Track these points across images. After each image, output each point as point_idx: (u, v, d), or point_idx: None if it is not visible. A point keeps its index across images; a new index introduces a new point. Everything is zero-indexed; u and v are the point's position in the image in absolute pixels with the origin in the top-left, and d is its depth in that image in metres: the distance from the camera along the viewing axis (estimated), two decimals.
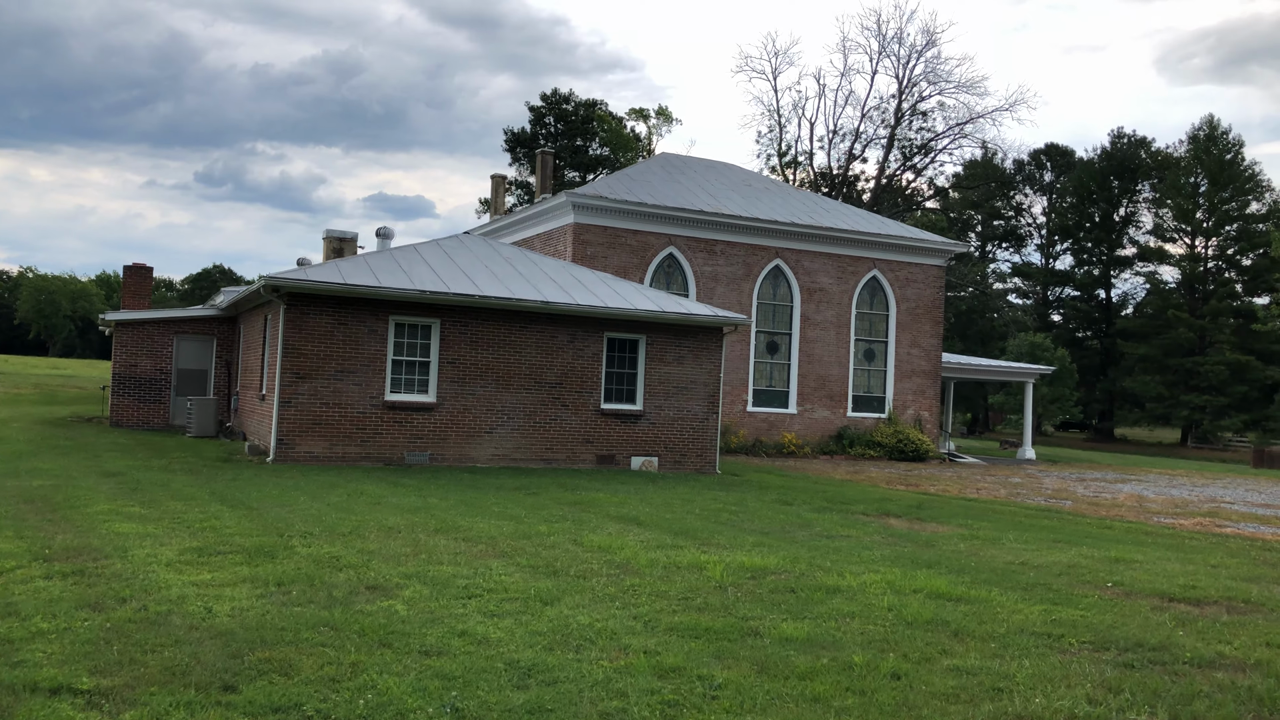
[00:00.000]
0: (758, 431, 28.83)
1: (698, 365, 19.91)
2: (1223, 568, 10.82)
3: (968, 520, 14.20)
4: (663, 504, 13.88)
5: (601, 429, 19.08)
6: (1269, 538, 14.28)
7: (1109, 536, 13.25)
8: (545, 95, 70.32)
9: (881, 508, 15.32)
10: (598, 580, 8.21)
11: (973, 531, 12.80)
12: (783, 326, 29.65)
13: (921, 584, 8.63)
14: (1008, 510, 16.24)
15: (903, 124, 49.20)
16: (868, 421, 30.47)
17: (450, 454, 17.82)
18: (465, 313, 17.97)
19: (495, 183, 34.07)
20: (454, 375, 17.90)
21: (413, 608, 6.97)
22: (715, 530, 11.55)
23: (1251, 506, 19.93)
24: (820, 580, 8.64)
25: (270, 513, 10.99)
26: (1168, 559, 11.24)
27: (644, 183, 29.47)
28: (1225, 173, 66.80)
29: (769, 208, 30.24)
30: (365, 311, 17.28)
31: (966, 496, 18.54)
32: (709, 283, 28.35)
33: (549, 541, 9.97)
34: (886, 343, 31.07)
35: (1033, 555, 10.93)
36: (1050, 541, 12.32)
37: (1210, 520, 16.49)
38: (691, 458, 19.83)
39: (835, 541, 11.25)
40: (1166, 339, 66.29)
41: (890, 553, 10.57)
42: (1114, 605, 8.31)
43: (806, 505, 15.03)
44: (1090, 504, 18.48)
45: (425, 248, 20.22)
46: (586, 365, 18.95)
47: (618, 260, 27.08)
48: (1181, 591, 9.06)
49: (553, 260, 21.35)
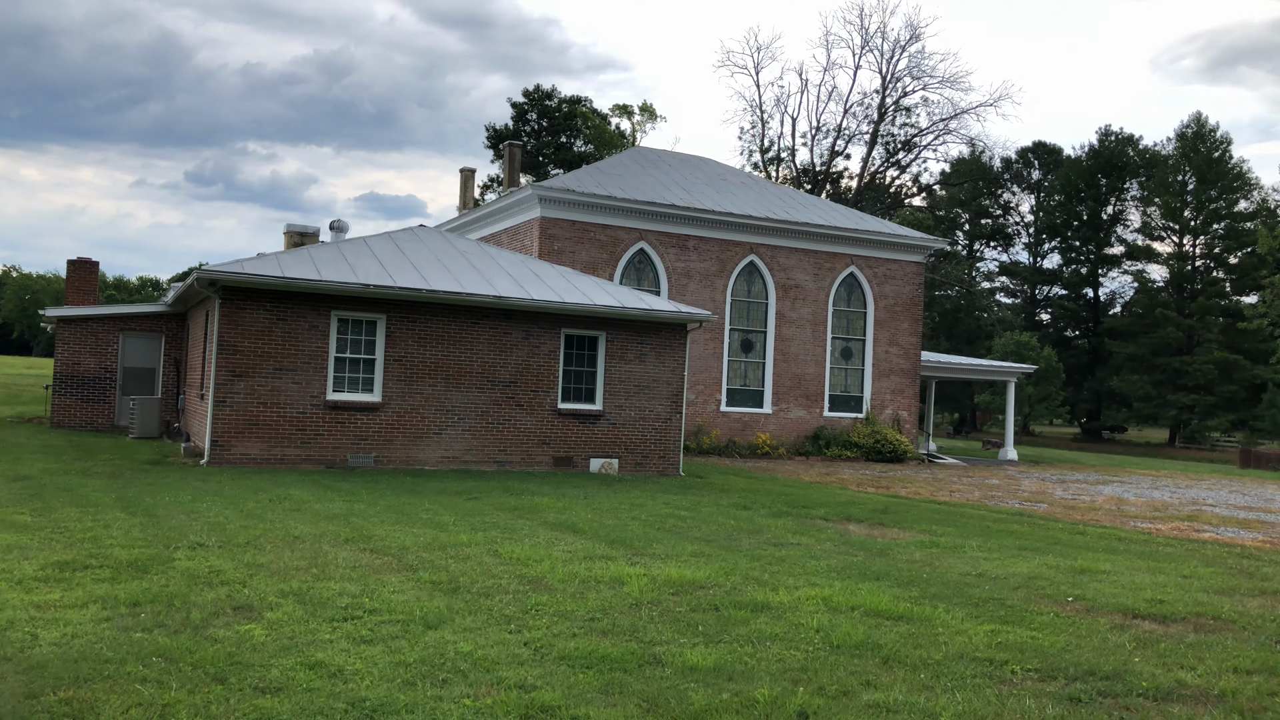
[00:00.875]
0: (731, 432, 28.08)
1: (660, 363, 19.14)
2: (1195, 578, 10.09)
3: (932, 526, 13.45)
4: (609, 509, 13.11)
5: (559, 430, 18.29)
6: (1248, 544, 13.57)
7: (1079, 543, 12.51)
8: (528, 92, 69.46)
9: (844, 512, 14.56)
10: (501, 598, 7.42)
11: (934, 538, 12.05)
12: (757, 324, 28.90)
13: (862, 599, 7.87)
14: (977, 514, 15.50)
15: (886, 120, 48.54)
16: (845, 422, 29.73)
17: (396, 456, 17.02)
18: (413, 308, 17.17)
19: (464, 177, 33.24)
20: (401, 373, 17.10)
21: (273, 632, 6.18)
22: (656, 539, 10.77)
23: (1233, 509, 19.24)
24: (750, 596, 7.87)
25: (170, 521, 10.18)
26: (1137, 569, 10.50)
27: (615, 176, 28.69)
28: (1213, 171, 66.32)
29: (744, 202, 29.49)
30: (306, 307, 16.46)
31: (937, 500, 17.80)
32: (681, 279, 27.59)
33: (464, 553, 9.19)
34: (864, 341, 30.34)
35: (992, 565, 10.18)
36: (1015, 549, 11.57)
37: (1189, 525, 15.78)
38: (654, 459, 19.06)
39: (782, 550, 10.49)
40: (1154, 338, 65.77)
41: (838, 563, 9.81)
42: (1070, 624, 7.56)
43: (765, 510, 14.27)
44: (1066, 507, 17.76)
45: (376, 240, 19.42)
46: (542, 363, 18.16)
47: (586, 255, 26.29)
48: (1147, 607, 8.32)
49: (510, 254, 20.56)
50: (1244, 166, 67.43)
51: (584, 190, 26.11)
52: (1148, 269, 73.20)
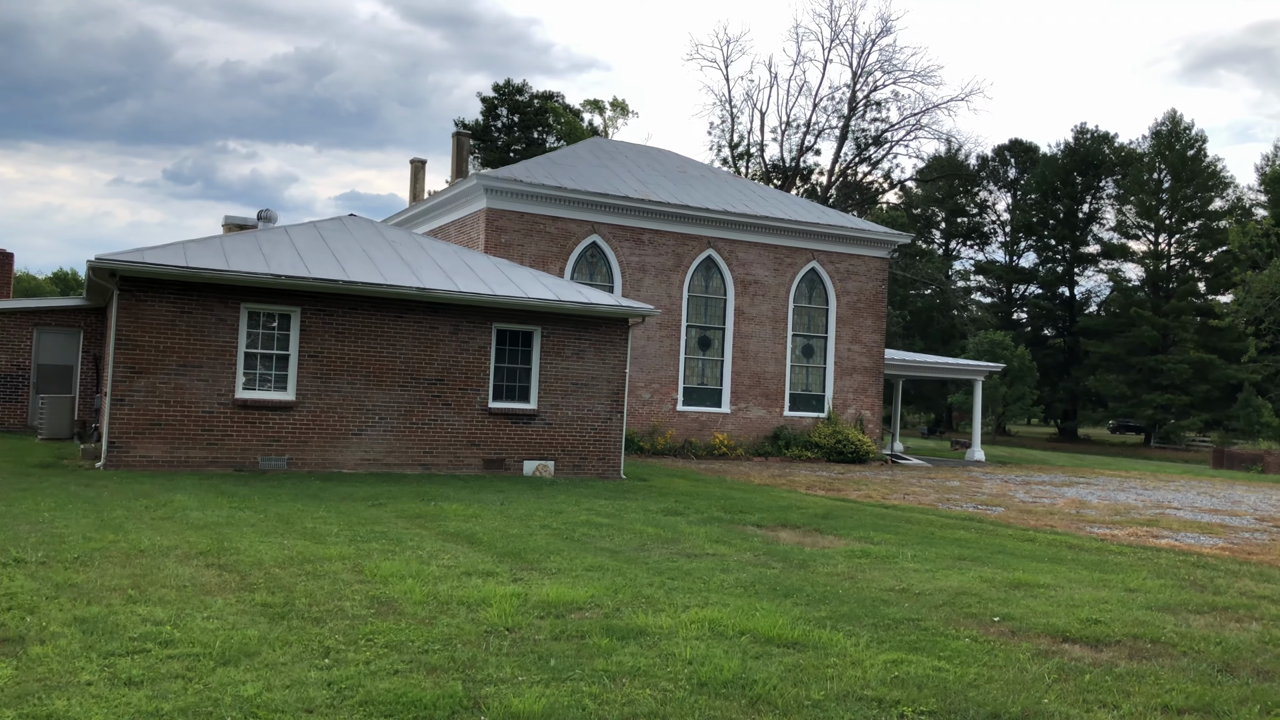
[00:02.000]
0: (688, 432, 27.15)
1: (600, 360, 18.17)
2: (1141, 592, 9.21)
3: (871, 532, 12.54)
4: (522, 517, 12.13)
5: (490, 431, 17.29)
6: (1207, 551, 12.73)
7: (1025, 552, 11.63)
8: (498, 86, 68.36)
9: (781, 517, 13.64)
10: (334, 624, 6.44)
11: (867, 547, 11.14)
12: (715, 321, 27.98)
13: (755, 623, 6.93)
14: (925, 519, 14.61)
15: (856, 115, 47.73)
16: (806, 421, 28.85)
17: (312, 458, 15.98)
18: (330, 300, 16.14)
19: (414, 168, 32.16)
20: (317, 370, 16.06)
21: (24, 672, 5.17)
22: (557, 550, 9.81)
23: (1198, 513, 18.46)
24: (628, 620, 6.91)
25: (6, 532, 9.13)
26: (1081, 582, 9.62)
27: (568, 167, 27.70)
28: (1188, 169, 65.95)
29: (702, 195, 28.56)
30: (213, 299, 15.41)
31: (887, 503, 16.91)
32: (636, 274, 26.64)
33: (324, 569, 8.19)
34: (826, 338, 29.47)
35: (921, 578, 9.27)
36: (953, 559, 10.68)
37: (1148, 530, 14.95)
38: (593, 461, 18.09)
39: (694, 562, 9.54)
40: (1129, 337, 65.33)
41: (749, 576, 8.87)
42: (988, 650, 6.64)
43: (695, 515, 13.32)
44: (1023, 511, 16.91)
45: (299, 230, 18.36)
46: (472, 360, 17.16)
47: (535, 249, 25.31)
48: (1080, 628, 7.42)
49: (444, 245, 19.55)
50: (1218, 165, 67.13)
51: (533, 181, 25.12)
52: (1123, 268, 72.83)
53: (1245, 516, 18.25)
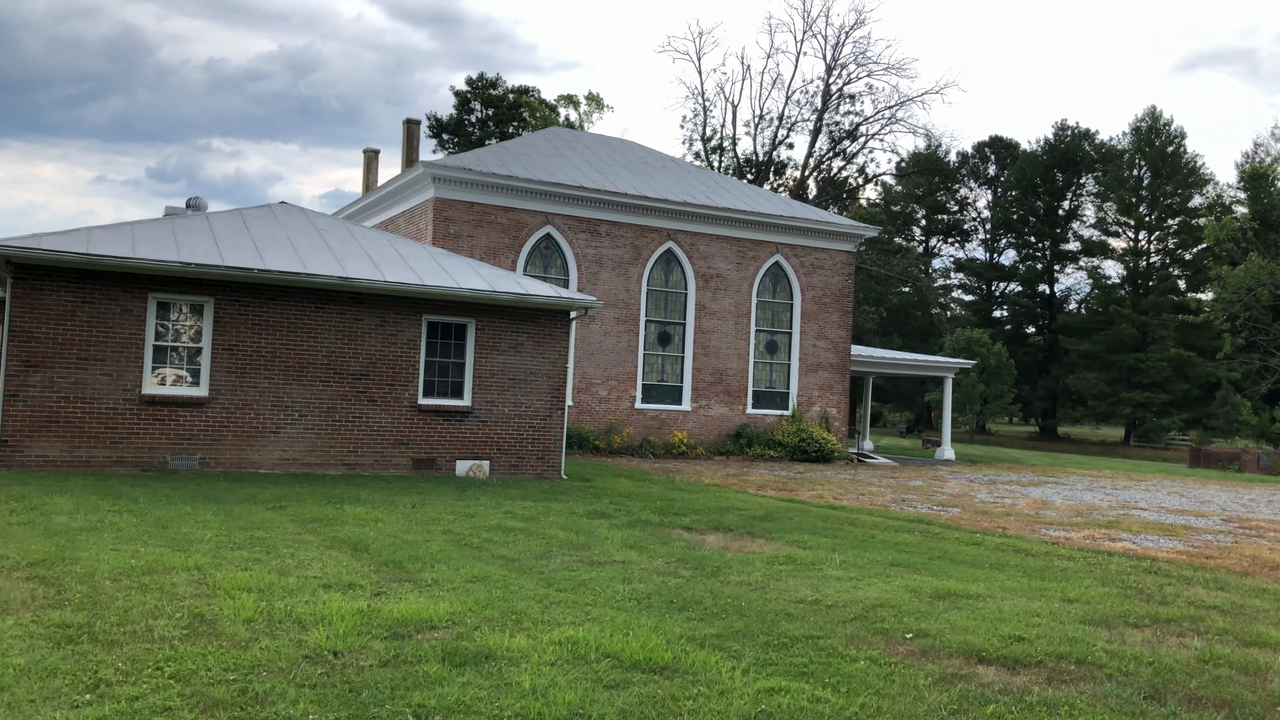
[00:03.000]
0: (647, 430, 26.32)
1: (539, 354, 17.31)
2: (1080, 602, 8.42)
3: (806, 536, 11.73)
4: (427, 521, 11.26)
5: (419, 428, 16.40)
6: (1162, 555, 11.97)
7: (966, 557, 10.84)
8: (471, 80, 67.39)
9: (717, 520, 12.82)
10: (128, 649, 5.57)
11: (795, 552, 10.32)
12: (676, 316, 27.16)
13: (628, 642, 6.08)
14: (870, 521, 13.81)
15: (830, 108, 46.99)
16: (770, 419, 28.06)
17: (226, 457, 15.06)
18: (246, 291, 15.22)
19: (367, 158, 31.19)
20: (231, 364, 15.14)
21: None
22: (446, 559, 8.95)
23: (1163, 514, 17.74)
24: (482, 642, 6.06)
25: None
26: (1016, 591, 8.82)
27: (522, 156, 26.82)
28: (1167, 165, 65.51)
29: (662, 186, 27.73)
30: (117, 288, 14.47)
31: (837, 504, 16.11)
32: (592, 266, 25.79)
33: (161, 581, 7.31)
34: (791, 334, 28.69)
35: (841, 588, 8.45)
36: (885, 566, 9.87)
37: (1106, 532, 14.19)
38: (531, 461, 17.22)
39: (594, 572, 8.69)
40: (1108, 335, 64.85)
41: (648, 587, 8.03)
42: (885, 675, 5.82)
43: (624, 518, 12.48)
44: (978, 512, 16.14)
45: (221, 217, 17.43)
46: (400, 353, 16.27)
47: (486, 240, 24.43)
48: (999, 647, 6.61)
49: (378, 234, 18.64)
50: (1198, 162, 66.72)
51: (483, 169, 24.23)
52: (1103, 265, 72.41)
53: (1212, 517, 17.55)
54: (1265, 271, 38.28)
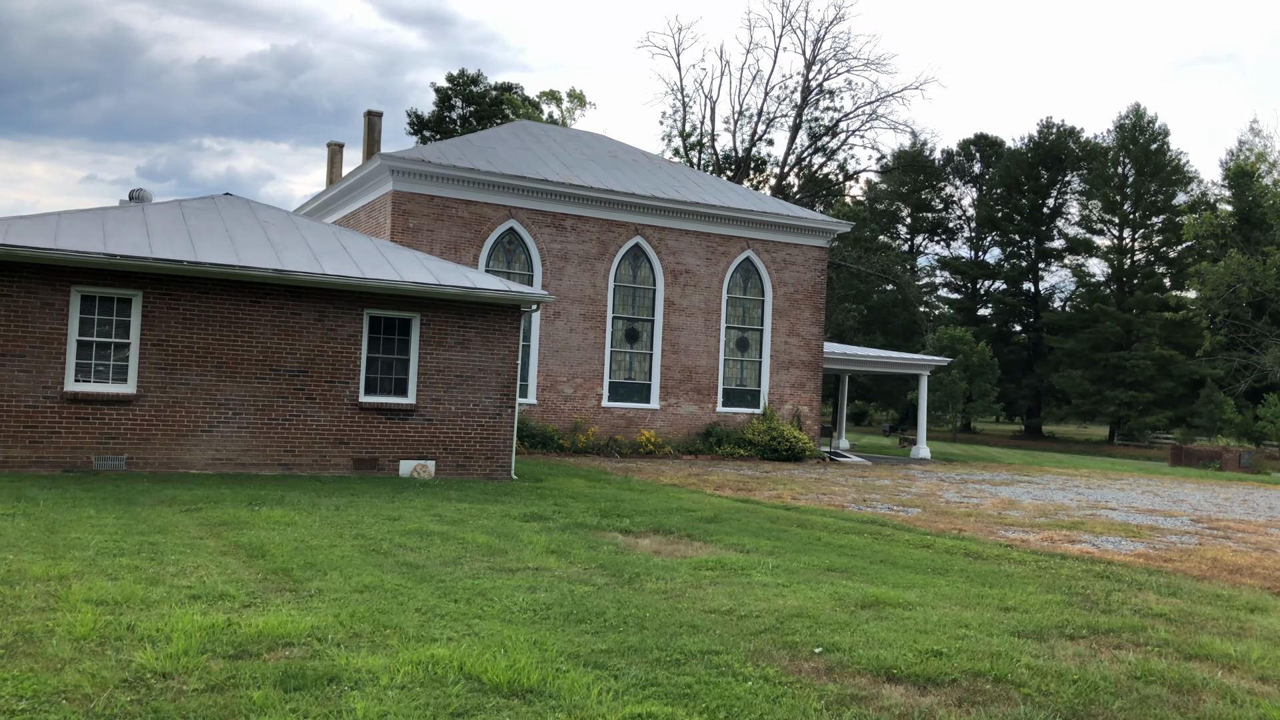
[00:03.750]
0: (614, 429, 25.76)
1: (488, 350, 16.73)
2: (1018, 611, 7.89)
3: (748, 539, 11.18)
4: (346, 524, 10.68)
5: (361, 427, 15.81)
6: (1120, 558, 11.45)
7: (910, 561, 10.30)
8: (452, 77, 66.67)
9: (660, 522, 12.27)
10: None
11: (728, 557, 9.77)
12: (644, 312, 26.60)
13: (496, 661, 5.53)
14: (821, 523, 13.27)
15: (810, 104, 46.45)
16: (740, 418, 27.54)
17: (155, 457, 14.45)
18: (177, 284, 14.61)
19: (331, 152, 30.53)
20: (161, 360, 14.53)
21: None
22: (344, 566, 8.37)
23: (1132, 513, 17.25)
24: (333, 661, 5.49)
25: None
26: (952, 598, 8.29)
27: (486, 149, 26.24)
28: (1151, 163, 65.20)
29: (630, 179, 27.17)
30: (38, 280, 13.85)
31: (793, 505, 15.56)
32: (557, 262, 25.21)
33: (8, 593, 6.72)
34: (762, 331, 28.16)
35: (762, 596, 7.91)
36: (821, 571, 9.33)
37: (1068, 534, 13.68)
38: (479, 461, 16.64)
39: (500, 579, 8.13)
40: (1093, 333, 64.52)
41: (551, 597, 7.48)
42: (773, 698, 5.27)
43: (561, 521, 11.91)
44: (939, 513, 15.62)
45: (159, 208, 16.81)
46: (341, 349, 15.68)
47: (447, 234, 23.84)
48: (914, 663, 6.06)
49: (323, 226, 18.04)
50: (1182, 159, 66.42)
51: (443, 162, 23.63)
52: (1088, 263, 72.10)
53: (1182, 517, 17.07)
54: (1245, 268, 37.89)
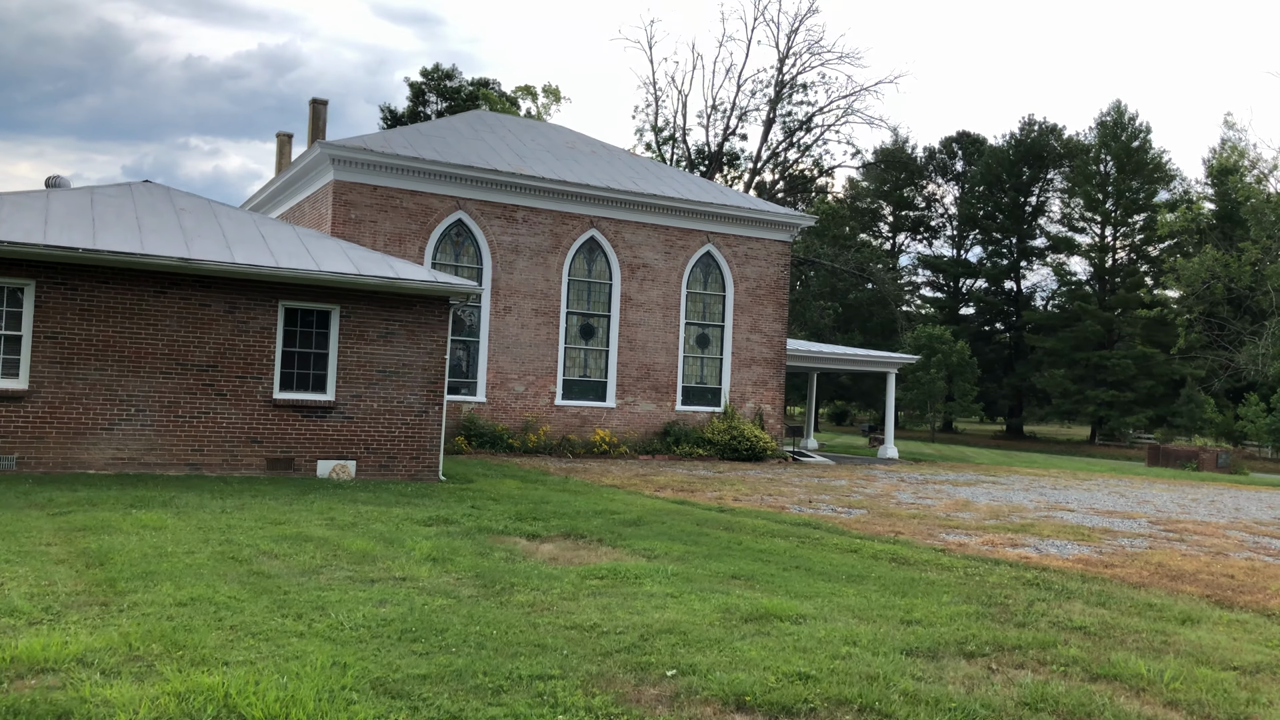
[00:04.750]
0: (567, 428, 24.98)
1: (414, 345, 15.94)
2: (922, 624, 7.16)
3: (661, 543, 10.43)
4: (217, 529, 9.89)
5: (276, 425, 15.00)
6: (1058, 563, 10.74)
7: (827, 567, 9.56)
8: (426, 71, 65.79)
9: (576, 525, 11.50)
10: None
11: (626, 563, 9.03)
12: (600, 308, 25.83)
13: (267, 694, 4.75)
14: (752, 525, 12.53)
15: (784, 98, 45.71)
16: (700, 416, 26.80)
17: (50, 457, 13.62)
18: (74, 273, 13.78)
19: (280, 143, 29.64)
20: (56, 354, 13.69)
21: None
22: (186, 575, 7.59)
23: (1089, 515, 16.57)
24: (79, 694, 4.72)
25: None
26: (853, 610, 7.55)
27: (436, 138, 25.43)
28: (1133, 160, 64.76)
29: (586, 171, 26.40)
30: None
31: (729, 507, 14.81)
32: (508, 255, 24.42)
33: None
34: (723, 327, 27.42)
35: (642, 608, 7.16)
36: (724, 579, 8.60)
37: (1012, 537, 12.97)
38: (404, 461, 15.85)
39: (352, 591, 7.36)
40: (1074, 332, 64.03)
41: (395, 612, 6.71)
42: None
43: (464, 525, 11.14)
44: (884, 515, 14.89)
45: (66, 194, 15.96)
46: (253, 343, 14.86)
47: (392, 226, 23.02)
48: (775, 688, 5.32)
49: (243, 214, 17.21)
50: (1164, 157, 65.98)
51: (386, 151, 22.82)
52: (1069, 262, 71.62)
53: (1140, 519, 16.40)
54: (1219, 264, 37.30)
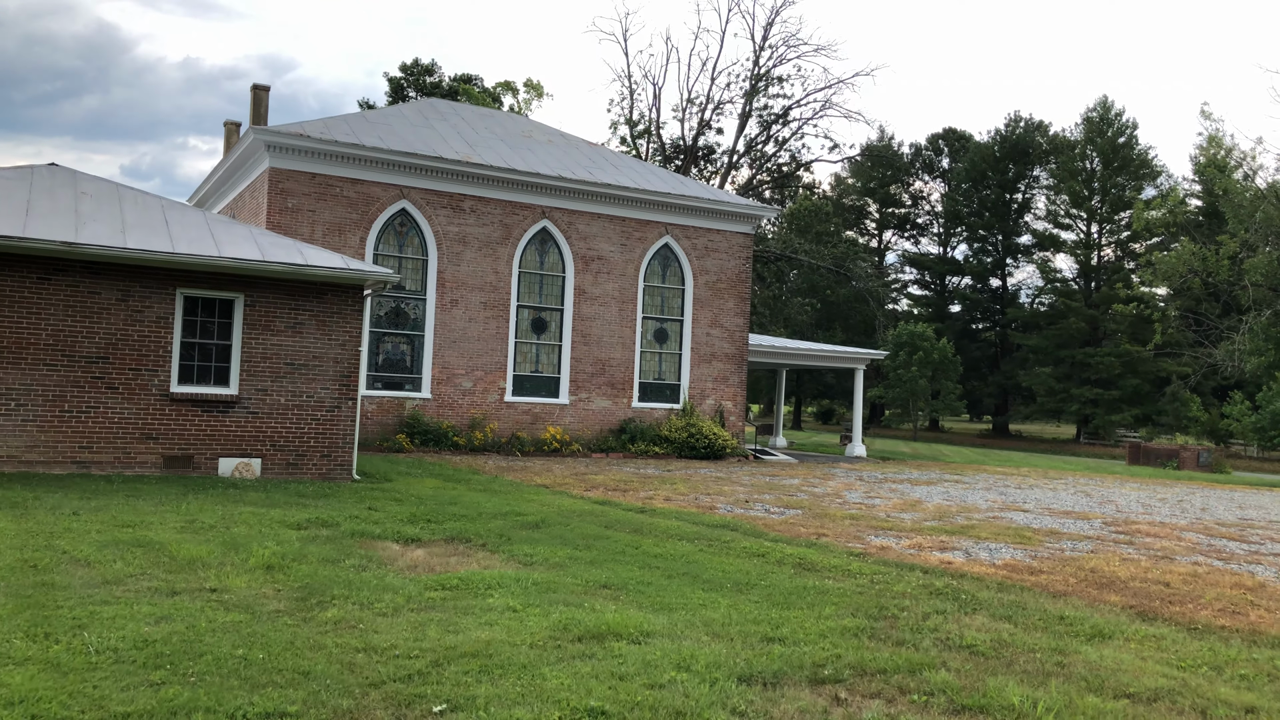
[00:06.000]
0: (518, 425, 24.10)
1: (325, 336, 15.05)
2: (785, 642, 6.32)
3: (549, 548, 9.57)
4: (39, 535, 9.02)
5: (174, 421, 14.11)
6: (980, 569, 9.87)
7: (715, 575, 8.70)
8: (405, 66, 64.73)
9: (471, 529, 10.65)
10: None
11: (482, 571, 8.17)
12: (553, 301, 24.94)
13: None
14: (663, 527, 11.66)
15: (760, 91, 44.82)
16: (658, 413, 25.93)
17: None
18: None
19: (228, 131, 28.72)
20: None
21: None
22: None
23: (1043, 516, 15.73)
24: None
25: None
26: (711, 626, 6.70)
27: (382, 125, 24.53)
28: (1119, 156, 63.92)
29: (539, 159, 25.52)
30: None
31: (650, 507, 13.93)
32: (455, 246, 23.54)
33: None
34: (682, 321, 26.55)
35: (468, 625, 6.32)
36: (587, 589, 7.76)
37: (945, 540, 12.11)
38: (314, 459, 14.96)
39: (141, 605, 6.50)
40: (1059, 330, 63.20)
41: (164, 630, 5.86)
42: None
43: (344, 528, 10.27)
44: (817, 515, 14.02)
45: None
46: (149, 333, 13.97)
47: (331, 215, 22.14)
48: None
49: (152, 199, 16.29)
50: (1150, 153, 65.15)
51: (324, 137, 21.91)
52: (1055, 259, 70.78)
53: (1095, 520, 15.56)
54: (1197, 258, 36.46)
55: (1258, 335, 37.27)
